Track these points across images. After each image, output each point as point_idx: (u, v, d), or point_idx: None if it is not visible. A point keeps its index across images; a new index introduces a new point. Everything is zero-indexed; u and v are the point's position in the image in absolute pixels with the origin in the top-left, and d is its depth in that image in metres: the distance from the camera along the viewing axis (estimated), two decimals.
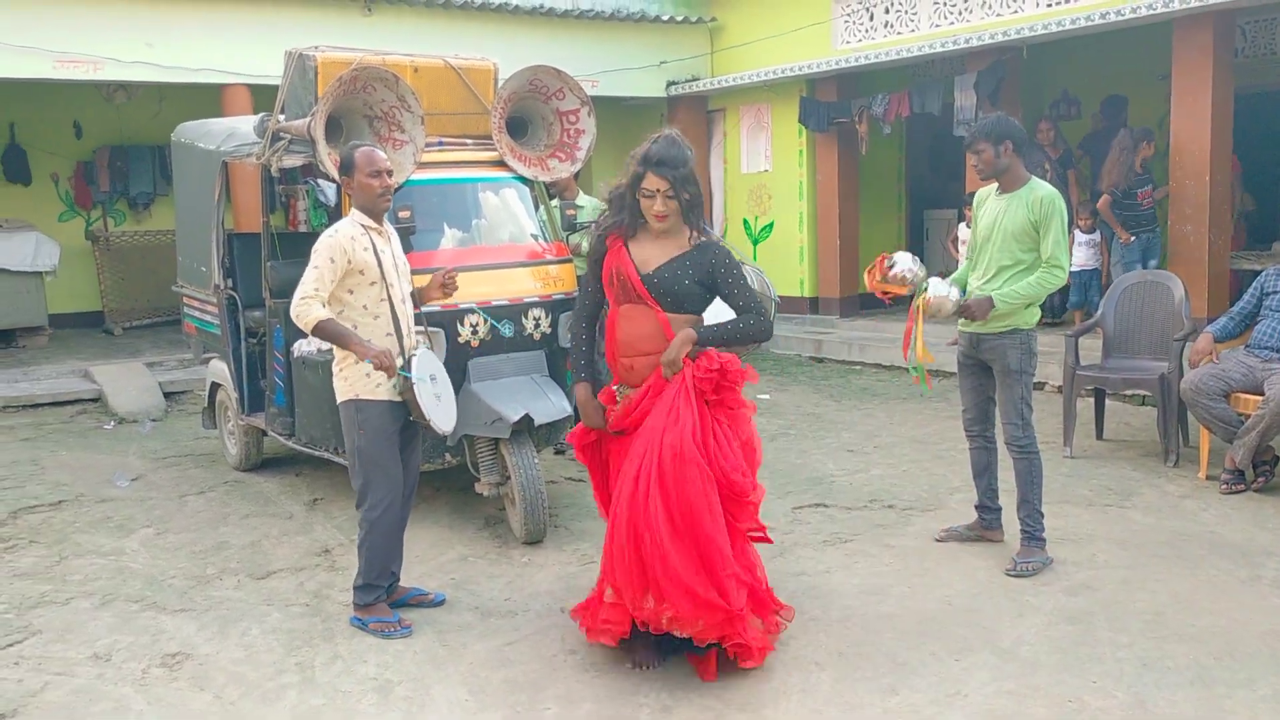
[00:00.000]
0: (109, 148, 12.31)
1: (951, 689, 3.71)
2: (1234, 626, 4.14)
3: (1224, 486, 5.81)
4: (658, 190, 3.79)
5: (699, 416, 3.77)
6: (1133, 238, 8.60)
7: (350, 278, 4.29)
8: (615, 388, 4.00)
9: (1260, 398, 5.73)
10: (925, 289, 4.73)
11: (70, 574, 5.11)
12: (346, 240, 4.28)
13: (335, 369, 4.38)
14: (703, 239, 3.90)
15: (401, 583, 4.62)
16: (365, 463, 4.33)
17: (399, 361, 4.28)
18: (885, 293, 4.83)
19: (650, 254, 3.89)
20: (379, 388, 4.28)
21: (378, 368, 4.19)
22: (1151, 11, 8.43)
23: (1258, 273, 6.67)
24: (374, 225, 4.38)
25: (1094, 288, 9.36)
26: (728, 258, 3.91)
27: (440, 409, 4.43)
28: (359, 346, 4.19)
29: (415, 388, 4.24)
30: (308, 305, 4.19)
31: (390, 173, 4.40)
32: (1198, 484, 6.00)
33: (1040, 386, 8.25)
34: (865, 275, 4.88)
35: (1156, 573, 4.71)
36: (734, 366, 3.88)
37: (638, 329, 3.86)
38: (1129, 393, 7.53)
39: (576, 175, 7.00)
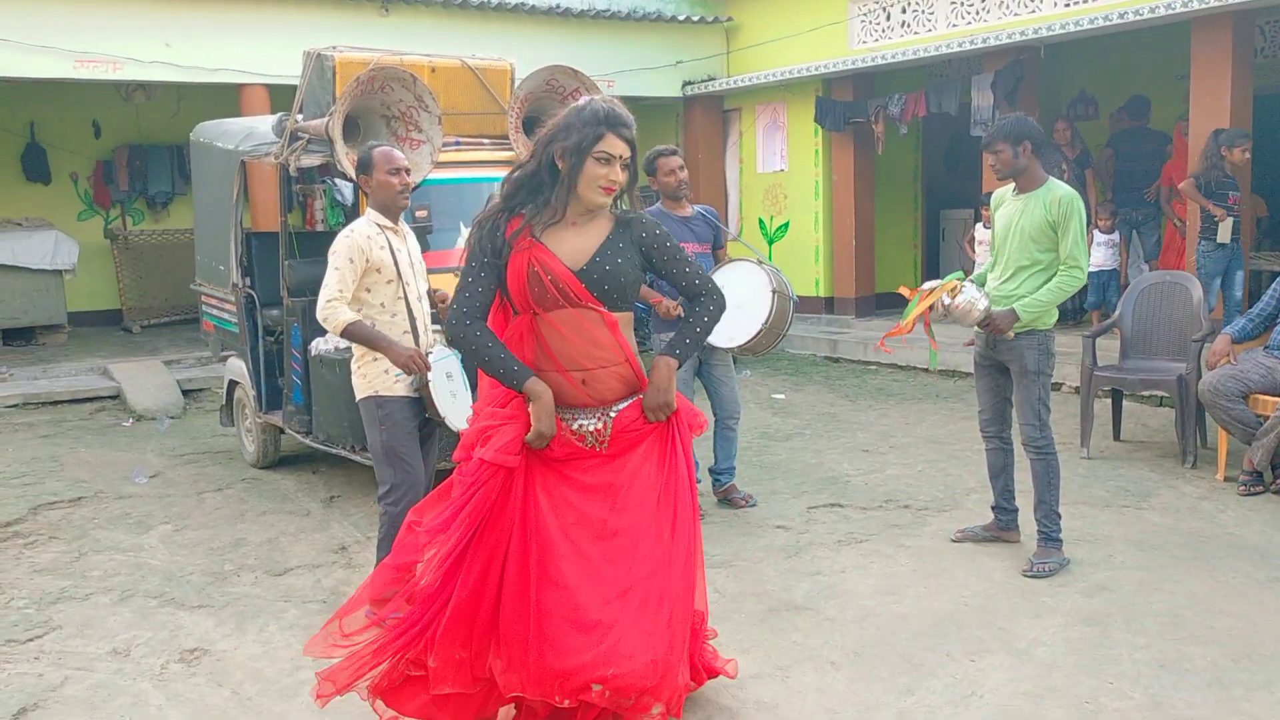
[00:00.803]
0: (128, 147, 12.40)
1: (967, 690, 3.71)
2: (1252, 628, 4.12)
3: (1242, 488, 5.77)
4: (617, 156, 3.13)
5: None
6: (1229, 215, 7.86)
7: (367, 276, 4.32)
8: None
9: (1278, 400, 5.70)
10: (959, 277, 4.72)
11: (89, 570, 5.15)
12: (363, 240, 4.30)
13: (354, 366, 4.41)
14: (620, 213, 3.27)
15: None
16: (387, 457, 4.35)
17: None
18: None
19: (575, 245, 3.17)
20: (398, 383, 4.31)
21: (411, 371, 4.23)
22: (1170, 11, 8.38)
23: (1276, 274, 6.63)
24: (389, 224, 4.41)
25: (1112, 288, 9.31)
26: (657, 228, 3.28)
27: (455, 406, 4.45)
28: (389, 349, 4.23)
29: (430, 385, 4.27)
30: (334, 308, 4.22)
31: (408, 171, 4.43)
32: (1215, 485, 5.97)
33: (1058, 387, 8.22)
34: (915, 307, 4.82)
35: (1174, 574, 4.69)
36: (694, 417, 3.42)
37: (585, 338, 3.15)
38: (1146, 394, 7.50)
39: None
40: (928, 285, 4.84)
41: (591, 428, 3.21)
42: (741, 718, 3.56)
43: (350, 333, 4.23)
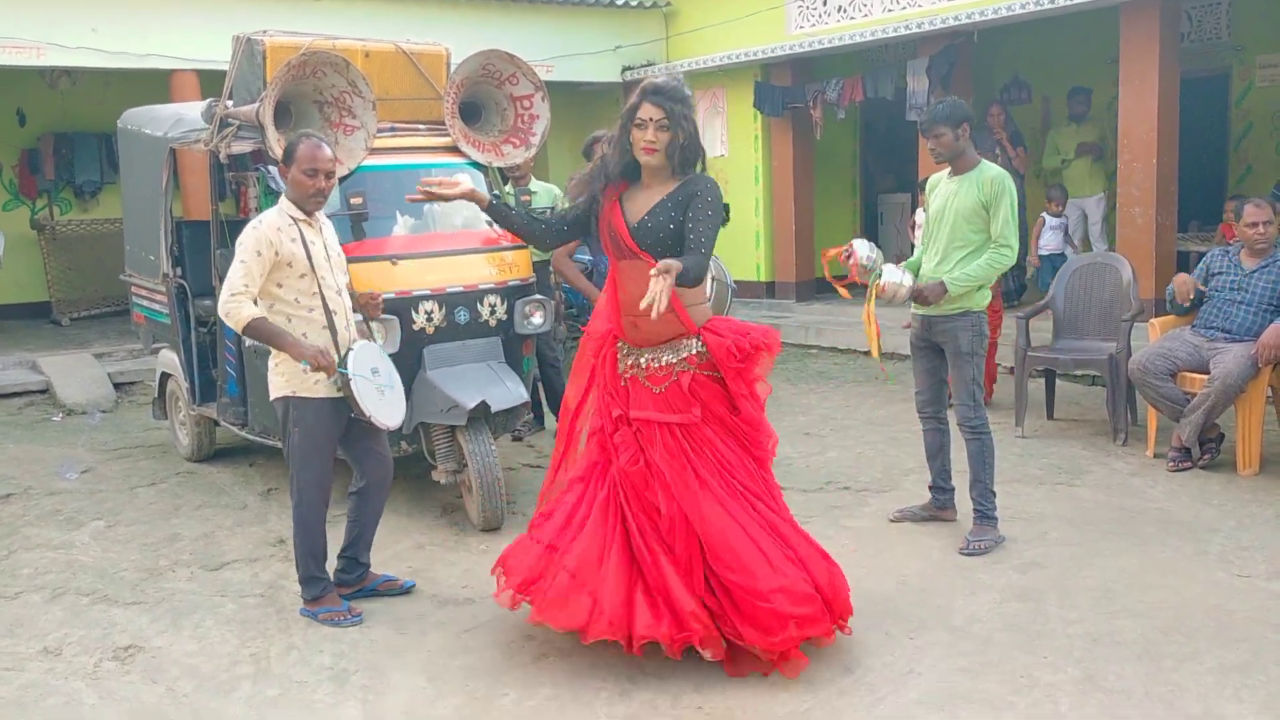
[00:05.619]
0: (54, 135, 12.07)
1: (906, 667, 3.76)
2: (1181, 601, 4.22)
3: (1171, 464, 5.91)
4: (650, 120, 3.67)
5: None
6: None
7: (278, 270, 4.14)
8: (620, 344, 3.89)
9: (1206, 377, 5.83)
10: (879, 275, 4.76)
11: (19, 568, 5.03)
12: (272, 231, 4.12)
13: (271, 364, 4.25)
14: (689, 176, 3.77)
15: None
16: (295, 461, 4.24)
17: (335, 357, 4.14)
18: (840, 279, 4.85)
19: (639, 204, 3.76)
20: (317, 384, 4.15)
21: (315, 369, 4.06)
22: None
23: (1203, 254, 6.77)
24: (302, 216, 4.23)
25: None
26: (709, 191, 3.72)
27: (384, 403, 4.29)
28: (293, 347, 4.05)
29: (352, 384, 4.11)
30: (237, 303, 4.03)
31: (330, 174, 4.22)
32: (1146, 462, 6.10)
33: None
34: (823, 265, 4.88)
35: (1106, 549, 4.79)
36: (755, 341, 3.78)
37: (637, 287, 3.59)
38: (1079, 373, 7.63)
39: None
40: (856, 258, 4.81)
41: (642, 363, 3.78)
42: (681, 704, 3.58)
43: (252, 330, 4.04)
